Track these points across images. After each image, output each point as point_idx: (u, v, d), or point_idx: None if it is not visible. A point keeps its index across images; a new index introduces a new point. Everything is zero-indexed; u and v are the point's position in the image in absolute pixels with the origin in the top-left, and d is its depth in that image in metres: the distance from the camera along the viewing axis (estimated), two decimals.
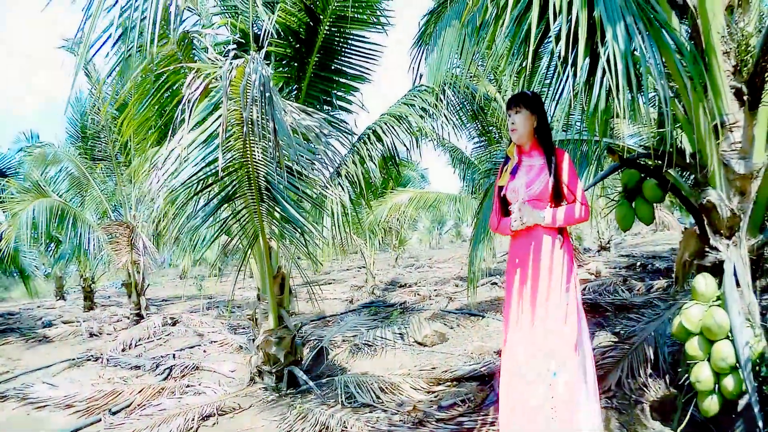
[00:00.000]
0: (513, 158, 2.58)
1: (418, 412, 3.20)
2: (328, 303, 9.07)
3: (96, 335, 7.67)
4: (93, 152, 8.90)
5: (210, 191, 3.44)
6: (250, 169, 3.21)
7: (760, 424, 2.21)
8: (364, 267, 14.43)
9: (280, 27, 3.80)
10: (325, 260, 9.12)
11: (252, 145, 2.97)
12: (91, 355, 5.91)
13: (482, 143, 7.74)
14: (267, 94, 2.01)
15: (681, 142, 3.71)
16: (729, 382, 2.34)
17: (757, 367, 2.32)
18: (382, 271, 15.20)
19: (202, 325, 7.52)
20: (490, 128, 6.93)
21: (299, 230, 3.70)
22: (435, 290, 9.01)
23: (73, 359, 5.86)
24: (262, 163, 3.16)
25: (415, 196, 8.31)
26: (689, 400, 2.66)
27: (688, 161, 2.84)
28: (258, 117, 2.05)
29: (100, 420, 3.81)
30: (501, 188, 2.59)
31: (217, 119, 2.46)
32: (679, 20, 2.86)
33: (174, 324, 7.83)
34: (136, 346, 6.54)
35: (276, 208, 3.51)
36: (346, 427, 3.12)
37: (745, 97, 2.57)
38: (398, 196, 8.24)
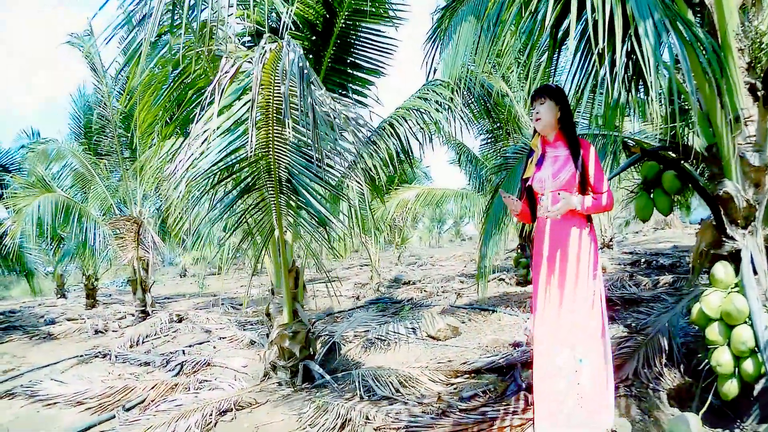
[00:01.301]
0: (537, 150, 2.63)
1: (442, 402, 3.23)
2: (334, 299, 9.08)
3: (101, 332, 7.64)
4: (97, 148, 8.85)
5: (228, 183, 3.44)
6: (271, 159, 3.21)
7: None
8: (366, 264, 14.45)
9: (297, 19, 3.81)
10: (344, 254, 9.11)
11: (275, 133, 2.98)
12: (99, 352, 5.88)
13: (490, 140, 7.77)
14: (306, 74, 2.01)
15: (688, 137, 3.79)
16: (749, 365, 2.42)
17: None
18: (385, 268, 15.20)
19: (208, 321, 7.51)
20: (499, 125, 6.95)
21: (320, 222, 3.71)
22: (441, 287, 9.04)
23: (81, 356, 5.84)
24: (284, 152, 3.17)
25: (422, 193, 8.32)
26: (706, 387, 2.73)
27: (704, 154, 2.90)
28: (298, 100, 2.04)
29: (114, 417, 3.77)
30: (526, 180, 2.64)
31: (244, 105, 2.47)
32: (694, 18, 2.92)
33: (180, 321, 7.81)
34: (143, 342, 6.52)
35: (297, 199, 3.51)
36: (369, 419, 3.14)
37: (759, 93, 2.64)
38: (405, 192, 8.26)
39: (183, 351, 5.71)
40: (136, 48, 3.30)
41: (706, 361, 2.64)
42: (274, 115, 2.80)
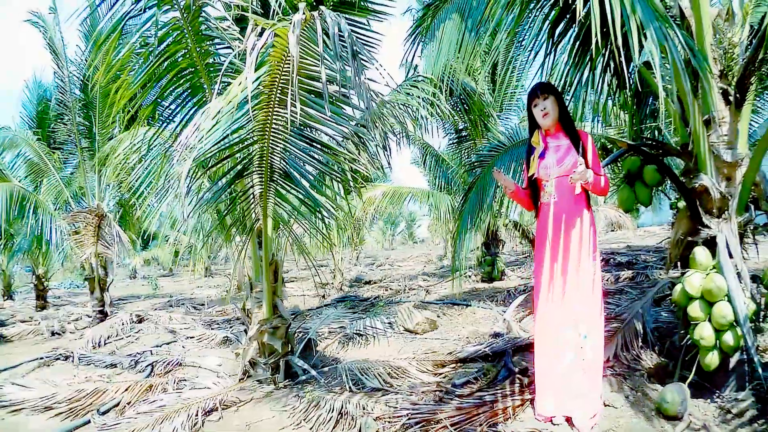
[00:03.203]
0: (539, 146, 2.76)
1: (437, 390, 3.27)
2: (299, 299, 8.96)
3: (58, 334, 7.22)
4: (52, 136, 8.34)
5: (219, 168, 3.33)
6: (267, 143, 3.12)
7: (760, 369, 2.50)
8: (324, 265, 14.34)
9: (286, 4, 3.75)
10: (335, 244, 8.95)
11: (274, 116, 2.91)
12: (61, 354, 5.53)
13: (457, 139, 7.92)
14: (352, 47, 1.97)
15: (666, 135, 4.09)
16: (729, 338, 2.66)
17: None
18: (345, 269, 15.14)
19: (172, 321, 7.24)
20: (466, 125, 7.10)
21: (313, 208, 3.64)
22: (407, 285, 9.11)
23: (41, 358, 5.47)
24: (282, 136, 3.10)
25: (388, 191, 8.35)
26: (682, 366, 2.96)
27: (681, 151, 3.15)
28: (350, 71, 2.00)
29: (90, 422, 3.53)
30: (532, 176, 2.76)
31: (257, 78, 2.40)
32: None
33: (140, 321, 7.47)
34: (106, 344, 6.20)
35: (290, 185, 3.44)
36: (366, 410, 3.13)
37: (731, 97, 2.92)
38: (372, 190, 8.27)
39: (151, 351, 5.47)
40: (118, 21, 3.14)
41: (686, 339, 2.87)
42: (278, 95, 2.74)
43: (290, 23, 2.00)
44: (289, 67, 2.39)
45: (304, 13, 2.04)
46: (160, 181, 4.19)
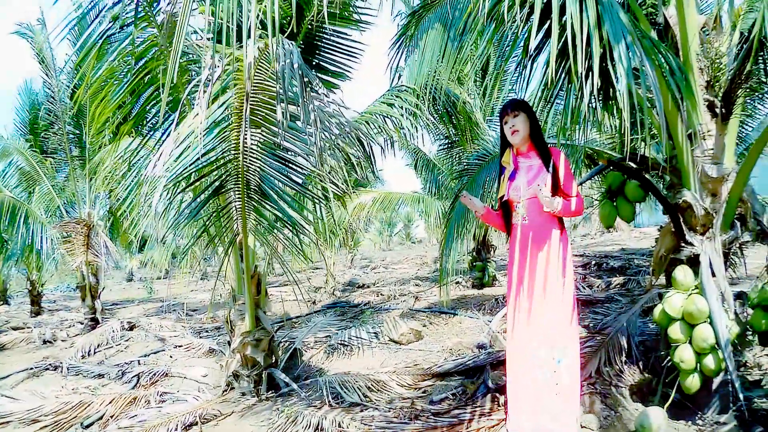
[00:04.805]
0: (509, 167, 2.71)
1: (414, 407, 3.23)
2: (290, 305, 8.92)
3: (50, 342, 7.22)
4: (44, 145, 8.33)
5: (196, 186, 3.31)
6: (240, 162, 3.11)
7: (741, 396, 2.44)
8: (319, 268, 14.31)
9: (263, 17, 3.72)
10: (312, 258, 8.96)
11: (245, 135, 2.89)
12: (50, 364, 5.53)
13: (448, 145, 7.88)
14: (301, 74, 1.95)
15: (649, 149, 4.02)
16: (710, 361, 2.60)
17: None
18: (339, 272, 15.10)
19: (162, 329, 7.21)
20: (455, 132, 7.06)
21: (289, 225, 3.63)
22: (398, 290, 9.08)
23: (31, 369, 5.47)
24: (255, 155, 3.08)
25: (379, 197, 8.34)
26: (666, 383, 2.90)
27: (665, 165, 3.08)
28: (301, 98, 1.97)
29: None
30: (502, 197, 2.72)
31: (221, 105, 2.38)
32: (658, 37, 3.10)
33: (132, 329, 7.44)
34: (95, 353, 6.19)
35: (266, 203, 3.43)
36: (342, 427, 3.10)
37: (717, 110, 2.84)
38: (362, 196, 8.25)
39: (138, 361, 5.46)
40: (96, 39, 3.14)
41: (668, 358, 2.81)
42: (248, 116, 2.71)
43: (244, 54, 1.97)
44: (255, 89, 2.35)
45: (255, 47, 2.01)
46: (141, 196, 4.17)
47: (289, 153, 3.24)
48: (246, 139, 2.92)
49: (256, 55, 2.22)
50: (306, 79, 2.00)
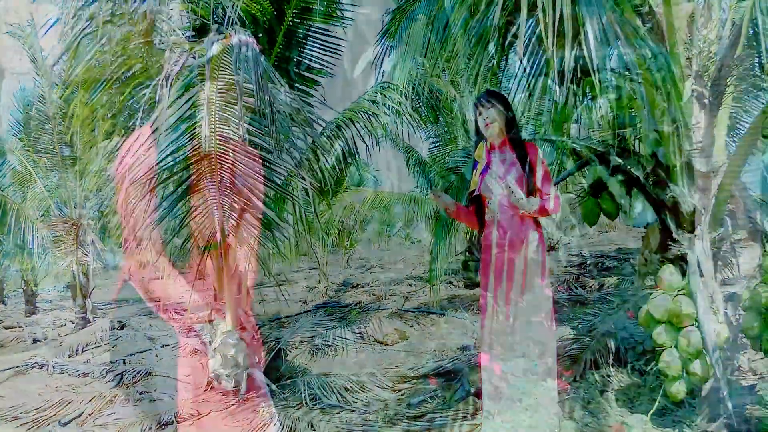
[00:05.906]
0: (482, 161, 2.62)
1: (390, 410, 3.16)
2: (281, 304, 8.85)
3: (40, 341, 7.23)
4: (37, 145, 8.30)
5: (168, 185, 3.23)
6: (213, 159, 3.03)
7: (730, 405, 2.32)
8: (314, 268, 14.21)
9: (243, 14, 3.64)
10: (292, 258, 8.96)
11: (219, 132, 2.81)
12: (37, 362, 5.52)
13: (439, 143, 7.81)
14: (261, 67, 1.88)
15: (634, 143, 3.91)
16: (696, 367, 2.46)
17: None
18: (334, 272, 15.00)
19: (152, 328, 7.17)
20: (446, 129, 7.00)
21: (266, 225, 3.55)
22: (390, 290, 9.00)
23: (18, 367, 5.44)
24: (228, 151, 2.99)
25: (370, 196, 8.28)
26: (654, 387, 2.79)
27: (651, 159, 2.97)
28: (256, 92, 1.90)
29: None
30: (473, 192, 2.63)
31: (187, 102, 2.30)
32: (643, 25, 3.00)
33: (122, 328, 7.42)
34: (83, 351, 6.18)
35: (242, 201, 3.35)
36: (315, 430, 3.03)
37: (706, 101, 2.73)
38: (353, 195, 8.19)
39: (123, 360, 5.45)
40: (74, 38, 3.08)
41: (654, 362, 2.70)
42: (217, 112, 2.63)
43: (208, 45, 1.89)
44: (223, 85, 2.28)
45: (217, 40, 1.94)
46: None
47: (261, 150, 3.16)
48: (216, 135, 2.84)
49: (220, 48, 2.13)
50: (267, 72, 1.91)
